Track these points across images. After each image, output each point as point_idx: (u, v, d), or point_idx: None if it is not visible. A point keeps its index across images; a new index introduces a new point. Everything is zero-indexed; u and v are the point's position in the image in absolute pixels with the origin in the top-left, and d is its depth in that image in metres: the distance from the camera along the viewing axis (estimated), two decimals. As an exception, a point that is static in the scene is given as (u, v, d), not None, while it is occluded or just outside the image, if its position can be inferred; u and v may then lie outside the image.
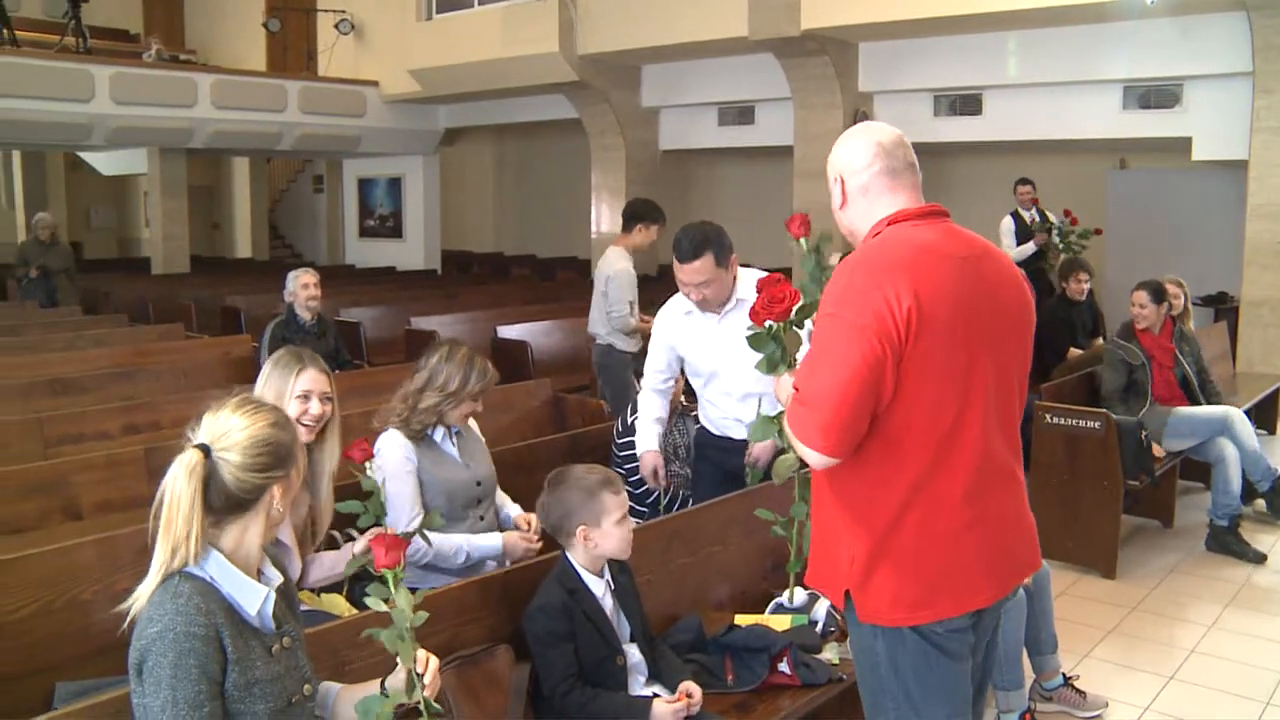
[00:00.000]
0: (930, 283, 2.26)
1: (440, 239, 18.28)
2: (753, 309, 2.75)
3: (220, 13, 19.53)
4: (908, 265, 2.28)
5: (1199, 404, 6.32)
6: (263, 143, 15.88)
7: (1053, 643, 4.15)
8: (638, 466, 4.50)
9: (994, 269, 2.43)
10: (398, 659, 2.20)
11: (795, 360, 2.68)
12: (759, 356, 2.76)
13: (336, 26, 16.49)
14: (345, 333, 8.29)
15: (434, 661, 2.23)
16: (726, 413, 4.25)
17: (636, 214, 6.74)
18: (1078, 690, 4.15)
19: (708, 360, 4.22)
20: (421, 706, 2.19)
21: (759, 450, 4.08)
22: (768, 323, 2.72)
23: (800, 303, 2.79)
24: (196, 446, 2.02)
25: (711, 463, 4.37)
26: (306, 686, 2.13)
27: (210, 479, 2.01)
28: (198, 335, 9.15)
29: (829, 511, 2.44)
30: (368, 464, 3.32)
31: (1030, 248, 9.74)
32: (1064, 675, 4.17)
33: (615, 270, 6.67)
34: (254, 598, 2.06)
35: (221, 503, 2.03)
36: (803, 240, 2.85)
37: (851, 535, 2.37)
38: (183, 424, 2.11)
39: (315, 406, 3.30)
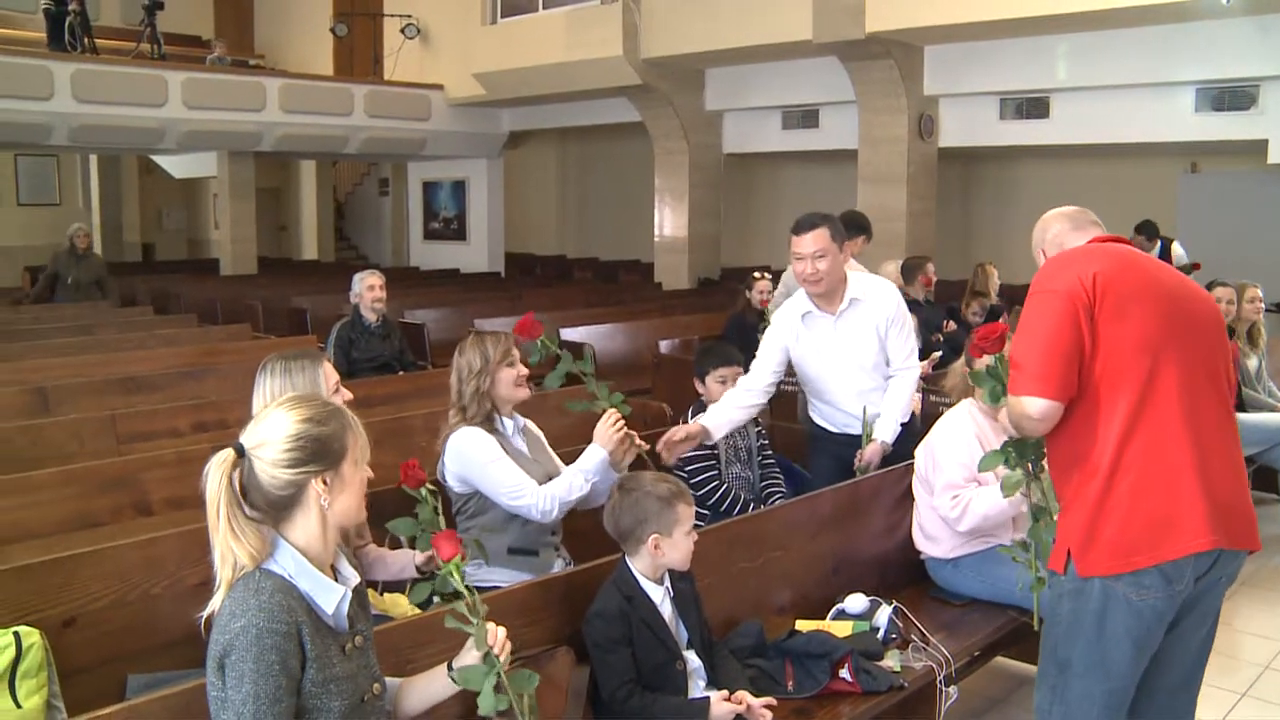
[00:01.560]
0: (1112, 264, 2.66)
1: (504, 241, 18.41)
2: (971, 346, 3.08)
3: (288, 18, 19.85)
4: (1096, 253, 2.72)
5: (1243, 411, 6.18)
6: (329, 146, 16.11)
7: None
8: (701, 469, 4.53)
9: (1178, 277, 2.79)
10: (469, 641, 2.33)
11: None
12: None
13: (402, 31, 16.69)
14: (409, 334, 8.36)
15: (501, 631, 2.35)
16: (843, 407, 4.51)
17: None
18: None
19: (825, 360, 4.46)
20: (504, 680, 2.31)
21: (870, 453, 4.35)
22: (986, 358, 3.00)
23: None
24: (233, 446, 2.06)
25: (831, 456, 4.59)
26: (376, 685, 2.16)
27: (246, 478, 2.04)
28: (264, 336, 9.29)
29: (1064, 480, 2.70)
30: (421, 490, 3.17)
31: None
32: None
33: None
34: (331, 597, 2.08)
35: (262, 501, 2.05)
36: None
37: (1073, 494, 2.64)
38: (247, 424, 2.15)
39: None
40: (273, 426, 2.06)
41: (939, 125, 12.18)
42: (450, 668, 2.32)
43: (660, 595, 3.06)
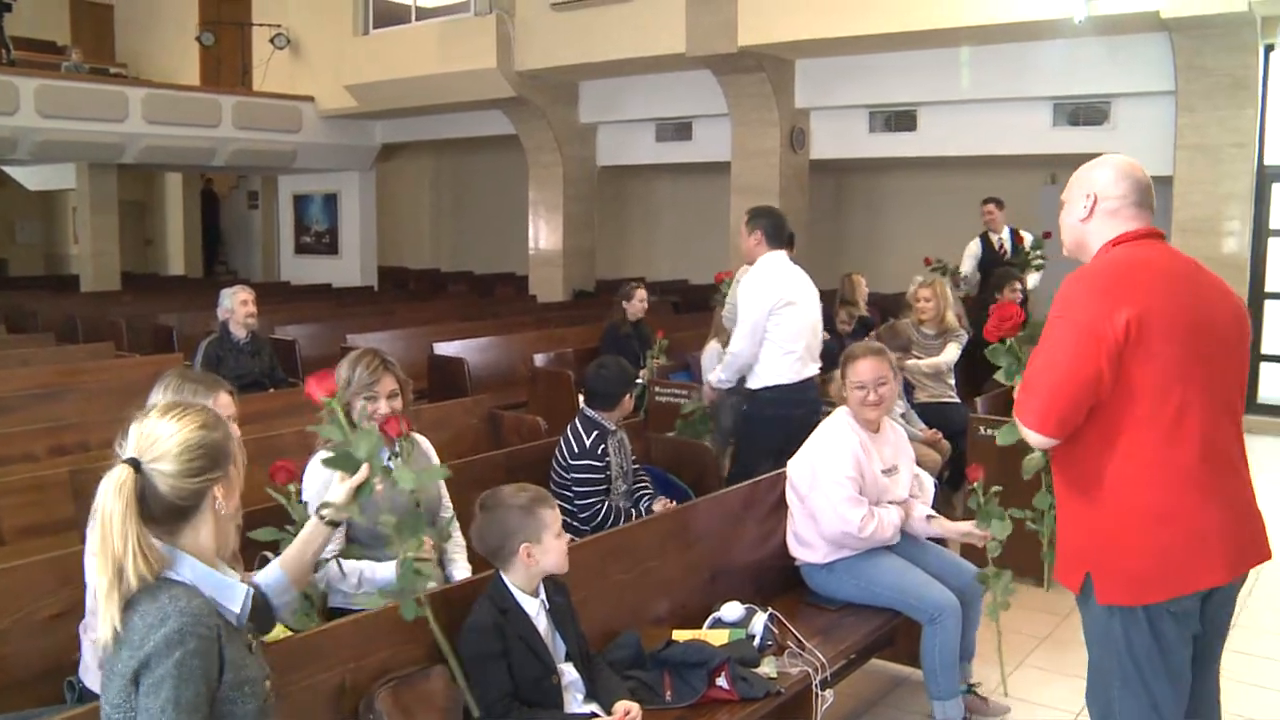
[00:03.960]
0: (1146, 294, 2.60)
1: (376, 255, 18.16)
2: (986, 328, 3.25)
3: (151, 26, 19.21)
4: (1127, 280, 2.64)
5: None
6: (196, 158, 15.67)
7: (970, 651, 4.23)
8: (591, 491, 4.58)
9: (1206, 280, 2.76)
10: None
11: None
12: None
13: (272, 41, 16.33)
14: (280, 350, 8.18)
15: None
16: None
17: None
18: (980, 697, 4.22)
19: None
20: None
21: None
22: (1002, 339, 3.22)
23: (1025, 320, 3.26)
24: (126, 461, 2.00)
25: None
26: (268, 682, 2.14)
27: (145, 491, 1.99)
28: (128, 354, 8.97)
29: (1068, 504, 2.75)
30: (292, 487, 3.21)
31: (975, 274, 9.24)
32: (968, 684, 4.20)
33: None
34: (236, 594, 2.08)
35: (163, 513, 2.02)
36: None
37: (1089, 520, 2.67)
38: (112, 445, 2.08)
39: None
40: (166, 438, 2.03)
41: (810, 138, 12.42)
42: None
43: (535, 608, 3.05)
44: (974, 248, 9.43)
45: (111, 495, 1.96)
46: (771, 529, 4.34)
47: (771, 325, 5.36)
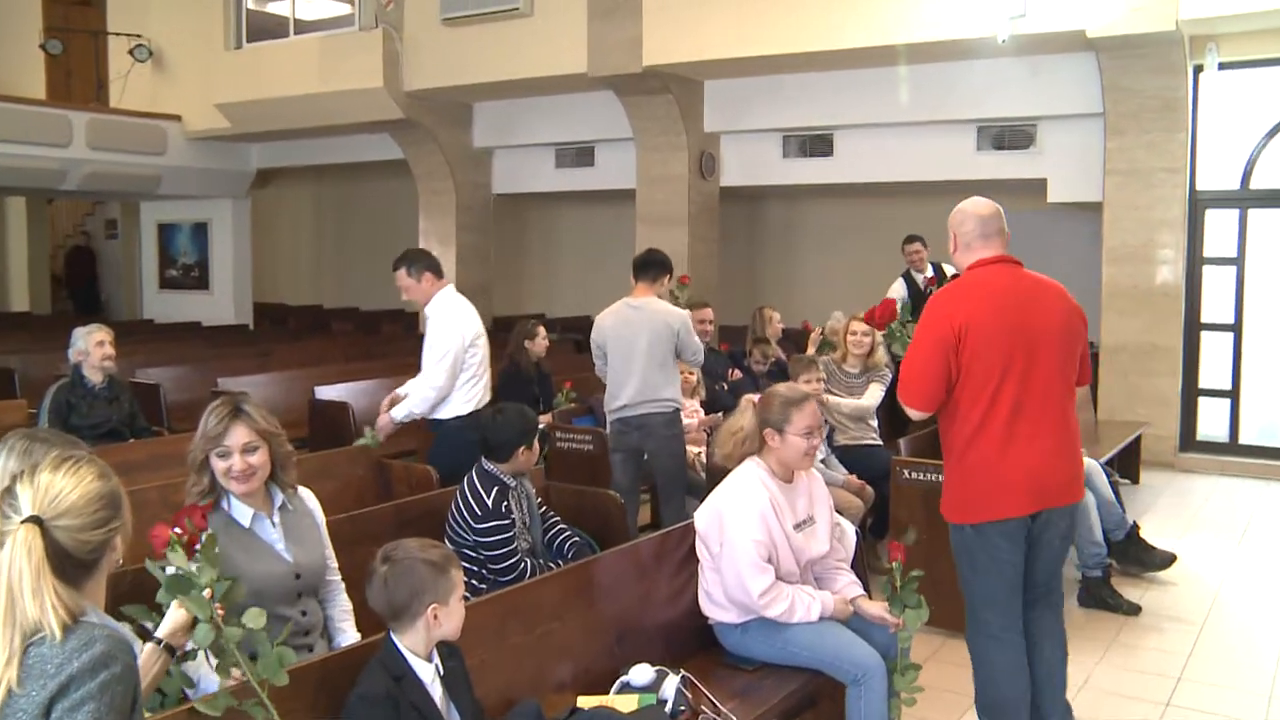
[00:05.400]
0: (975, 306, 3.97)
1: (252, 291, 17.92)
2: (876, 322, 5.01)
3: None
4: (964, 298, 4.02)
5: None
6: (43, 180, 15.21)
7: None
8: (505, 553, 4.57)
9: (1039, 294, 4.08)
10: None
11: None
12: None
13: (131, 53, 15.99)
14: (142, 396, 8.00)
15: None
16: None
17: (666, 265, 6.71)
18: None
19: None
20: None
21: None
22: (889, 326, 5.19)
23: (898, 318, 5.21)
24: (27, 521, 2.01)
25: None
26: None
27: (51, 549, 2.01)
28: (-37, 401, 8.69)
29: (943, 451, 4.17)
30: (172, 549, 3.01)
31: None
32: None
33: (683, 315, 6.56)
34: (135, 646, 2.13)
35: (71, 569, 2.05)
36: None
37: (949, 466, 4.14)
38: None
39: None
40: (69, 492, 2.06)
41: (720, 163, 12.60)
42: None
43: (430, 674, 3.02)
44: (898, 289, 9.53)
45: (21, 557, 1.97)
46: (683, 584, 4.36)
47: (468, 357, 6.19)
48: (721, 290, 12.54)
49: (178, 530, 2.78)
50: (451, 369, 6.12)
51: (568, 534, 4.96)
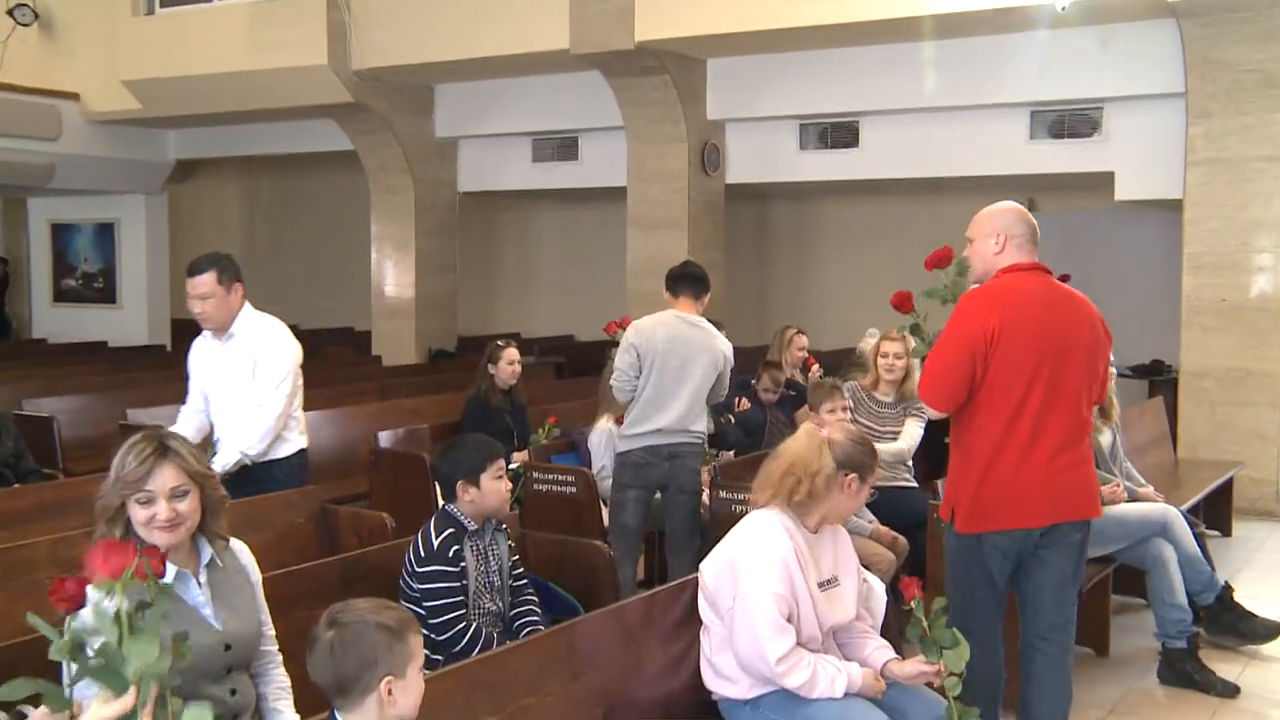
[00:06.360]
0: (1011, 313, 4.43)
1: (170, 305, 17.77)
2: (926, 262, 5.13)
3: None
4: (999, 301, 4.49)
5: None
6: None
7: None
8: (446, 605, 4.55)
9: (1069, 305, 4.58)
10: None
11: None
12: None
13: (11, 13, 15.12)
14: (31, 432, 7.99)
15: None
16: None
17: (707, 282, 6.84)
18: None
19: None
20: None
21: None
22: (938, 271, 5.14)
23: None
24: None
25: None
26: None
27: None
28: None
29: (953, 458, 4.66)
30: (71, 618, 2.91)
31: None
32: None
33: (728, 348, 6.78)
34: None
35: None
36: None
37: (958, 469, 4.60)
38: None
39: None
40: None
41: (726, 157, 12.64)
42: None
43: (382, 762, 3.00)
44: None
45: None
46: (682, 651, 4.33)
47: (299, 380, 6.32)
48: (727, 306, 12.51)
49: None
50: (291, 397, 6.17)
51: (528, 612, 4.88)
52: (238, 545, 3.67)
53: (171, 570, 3.37)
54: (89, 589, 2.49)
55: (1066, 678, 4.69)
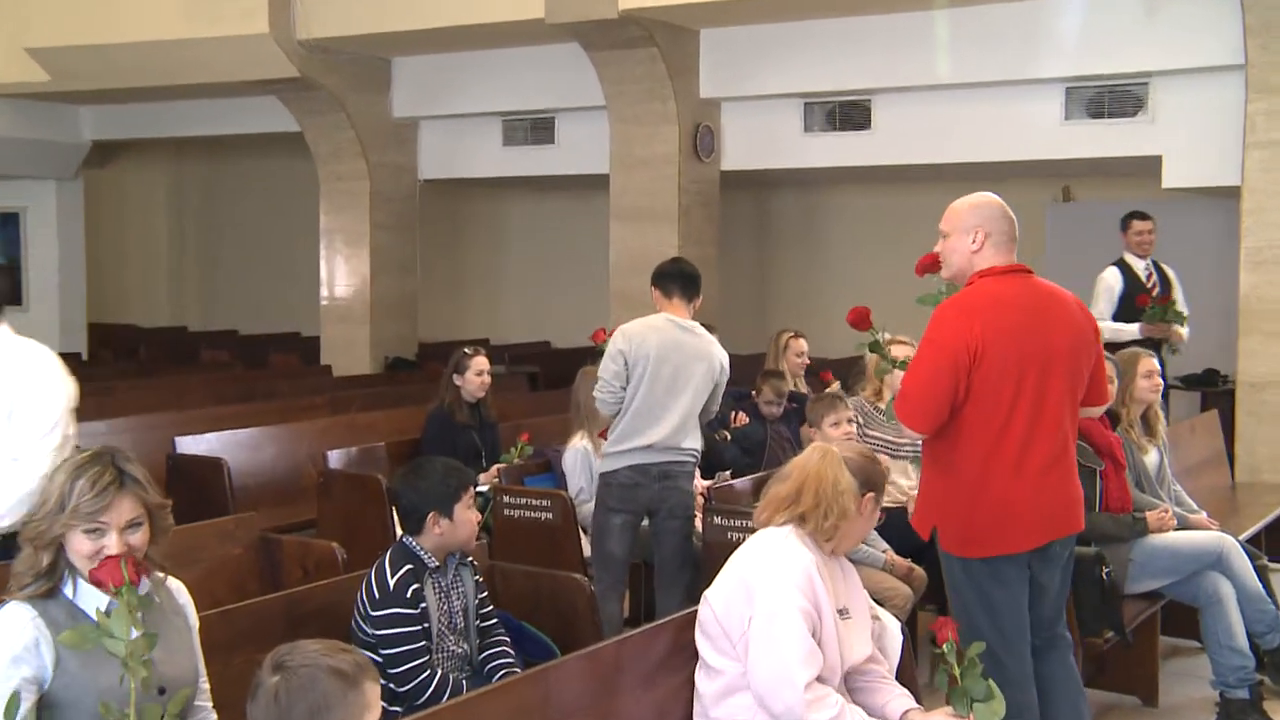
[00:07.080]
0: (994, 323, 4.58)
1: (86, 308, 17.79)
2: (917, 268, 5.17)
3: None
4: (979, 309, 4.64)
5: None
6: None
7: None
8: (406, 653, 4.56)
9: (1053, 310, 4.76)
10: None
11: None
12: None
13: None
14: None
15: None
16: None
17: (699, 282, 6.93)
18: None
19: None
20: None
21: None
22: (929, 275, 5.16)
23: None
24: None
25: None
26: None
27: None
28: None
29: (927, 474, 4.89)
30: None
31: (1133, 331, 9.51)
32: None
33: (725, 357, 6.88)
34: None
35: None
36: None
37: (942, 490, 4.78)
38: None
39: None
40: None
41: (721, 141, 12.66)
42: None
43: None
44: (1112, 278, 9.70)
45: None
46: (670, 696, 4.35)
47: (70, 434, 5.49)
48: (723, 307, 12.53)
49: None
50: (61, 446, 5.04)
51: (500, 654, 4.92)
52: (175, 584, 3.67)
53: (102, 601, 3.34)
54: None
55: (1075, 675, 5.02)
